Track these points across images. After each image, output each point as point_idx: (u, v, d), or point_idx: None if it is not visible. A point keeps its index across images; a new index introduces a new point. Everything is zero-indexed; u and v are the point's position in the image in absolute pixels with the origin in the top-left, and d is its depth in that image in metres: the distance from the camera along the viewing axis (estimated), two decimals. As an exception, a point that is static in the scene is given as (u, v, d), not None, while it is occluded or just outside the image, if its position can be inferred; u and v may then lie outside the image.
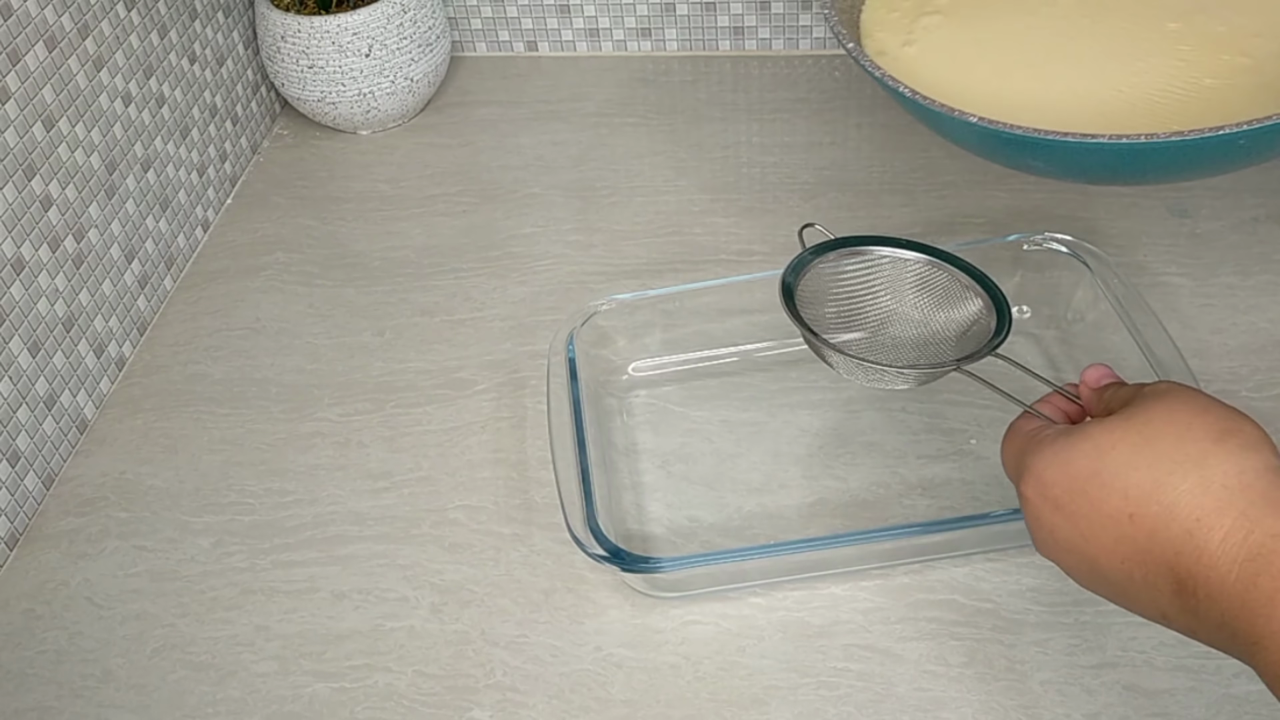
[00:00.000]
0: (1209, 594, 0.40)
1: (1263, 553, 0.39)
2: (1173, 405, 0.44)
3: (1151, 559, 0.42)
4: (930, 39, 0.61)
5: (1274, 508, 0.40)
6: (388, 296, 0.83)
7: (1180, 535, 0.41)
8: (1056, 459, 0.45)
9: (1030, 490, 0.46)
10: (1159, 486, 0.42)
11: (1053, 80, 0.60)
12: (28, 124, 0.71)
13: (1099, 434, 0.44)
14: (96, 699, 0.61)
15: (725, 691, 0.58)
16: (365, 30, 0.92)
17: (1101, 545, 0.43)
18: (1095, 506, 0.43)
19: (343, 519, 0.68)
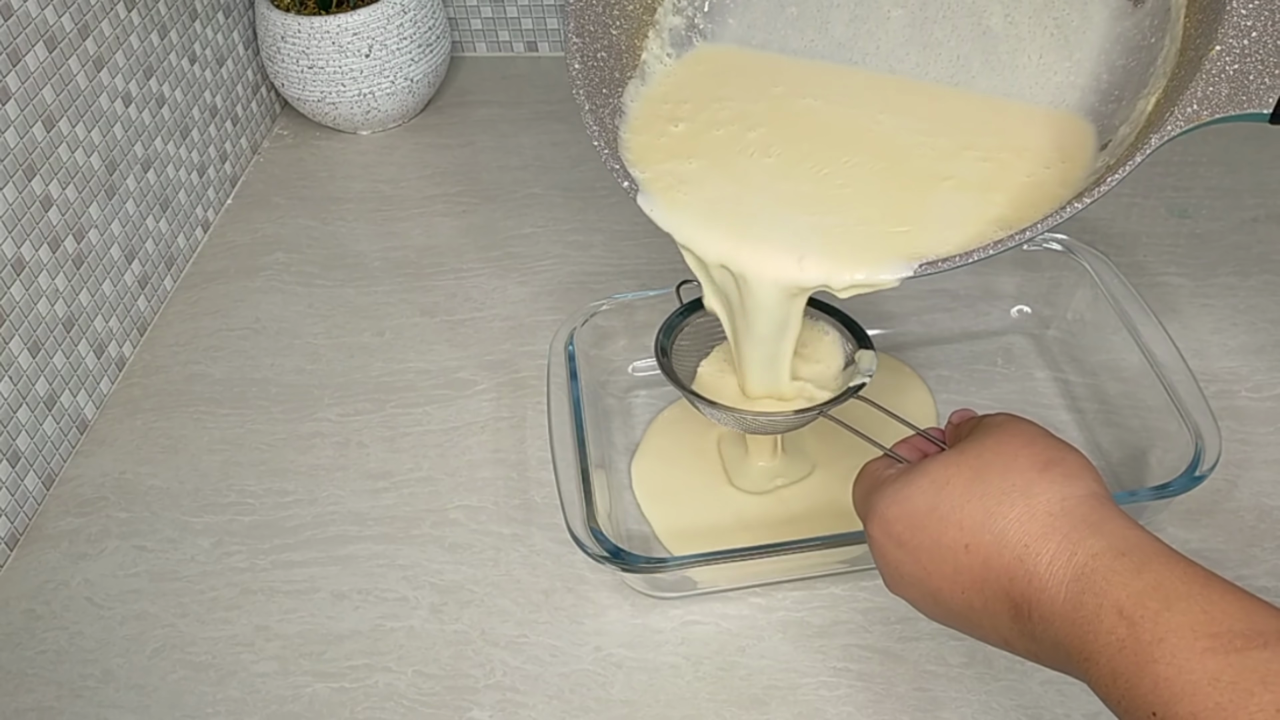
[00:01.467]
0: (1042, 616, 0.41)
1: (1086, 572, 0.41)
2: (1001, 438, 0.46)
3: (988, 586, 0.44)
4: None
5: (1093, 529, 0.42)
6: (388, 296, 0.83)
7: (1012, 561, 0.43)
8: (897, 497, 0.47)
9: (875, 529, 0.48)
10: (990, 516, 0.44)
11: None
12: (28, 124, 0.71)
13: (935, 470, 0.46)
14: (96, 699, 0.61)
15: (725, 691, 0.58)
16: (365, 30, 0.92)
17: (943, 576, 0.45)
18: (934, 540, 0.45)
19: (343, 519, 0.68)
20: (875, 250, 0.51)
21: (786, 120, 0.58)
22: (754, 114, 0.58)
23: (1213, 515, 0.64)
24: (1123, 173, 0.48)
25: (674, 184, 0.56)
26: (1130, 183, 0.85)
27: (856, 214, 0.53)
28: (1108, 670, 0.39)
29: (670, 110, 0.59)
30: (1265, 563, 0.61)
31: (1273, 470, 0.65)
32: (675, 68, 0.61)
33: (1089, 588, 0.40)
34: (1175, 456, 0.61)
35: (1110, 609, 0.39)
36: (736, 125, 0.58)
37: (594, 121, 0.56)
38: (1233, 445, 0.66)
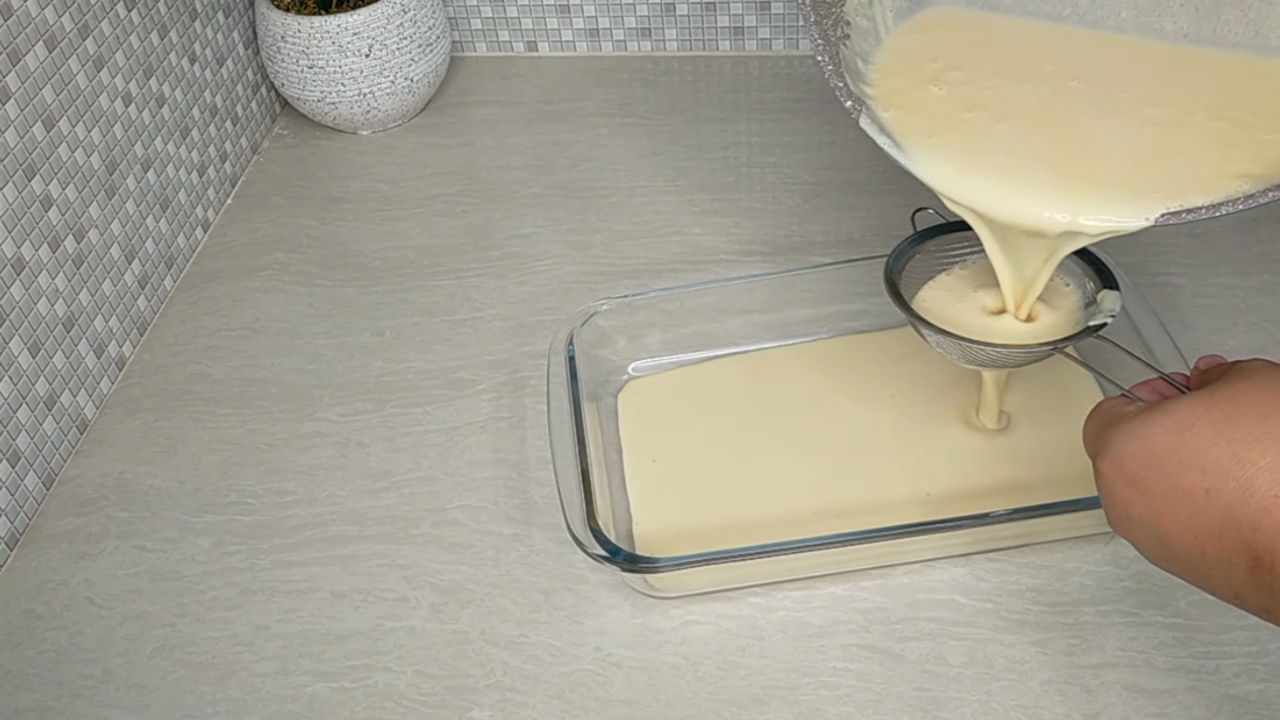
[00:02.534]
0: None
1: None
2: (1258, 383, 0.44)
3: (1227, 535, 0.41)
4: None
5: None
6: (388, 296, 0.83)
7: (1258, 511, 0.40)
8: (1136, 435, 0.45)
9: (1107, 466, 0.46)
10: (1238, 462, 0.41)
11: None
12: (28, 124, 0.71)
13: (1180, 410, 0.44)
14: (96, 699, 0.61)
15: (725, 691, 0.58)
16: (365, 30, 0.92)
17: (1176, 521, 0.43)
18: (1172, 482, 0.43)
19: (343, 519, 0.68)
20: (1124, 197, 0.51)
21: (1033, 81, 0.57)
22: (1000, 74, 0.58)
23: (1213, 515, 0.63)
24: None
25: (923, 128, 0.56)
26: (1130, 183, 0.85)
27: (1104, 165, 0.53)
28: None
29: (922, 64, 0.59)
30: (1265, 563, 0.61)
31: (1273, 470, 0.65)
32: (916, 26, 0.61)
33: None
34: (1175, 456, 0.61)
35: None
36: (989, 90, 0.57)
37: (819, 34, 0.56)
38: (1233, 445, 0.66)
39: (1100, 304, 0.58)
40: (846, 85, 0.56)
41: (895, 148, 0.55)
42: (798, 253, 0.82)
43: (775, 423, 0.70)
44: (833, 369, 0.72)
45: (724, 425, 0.70)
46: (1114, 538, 0.63)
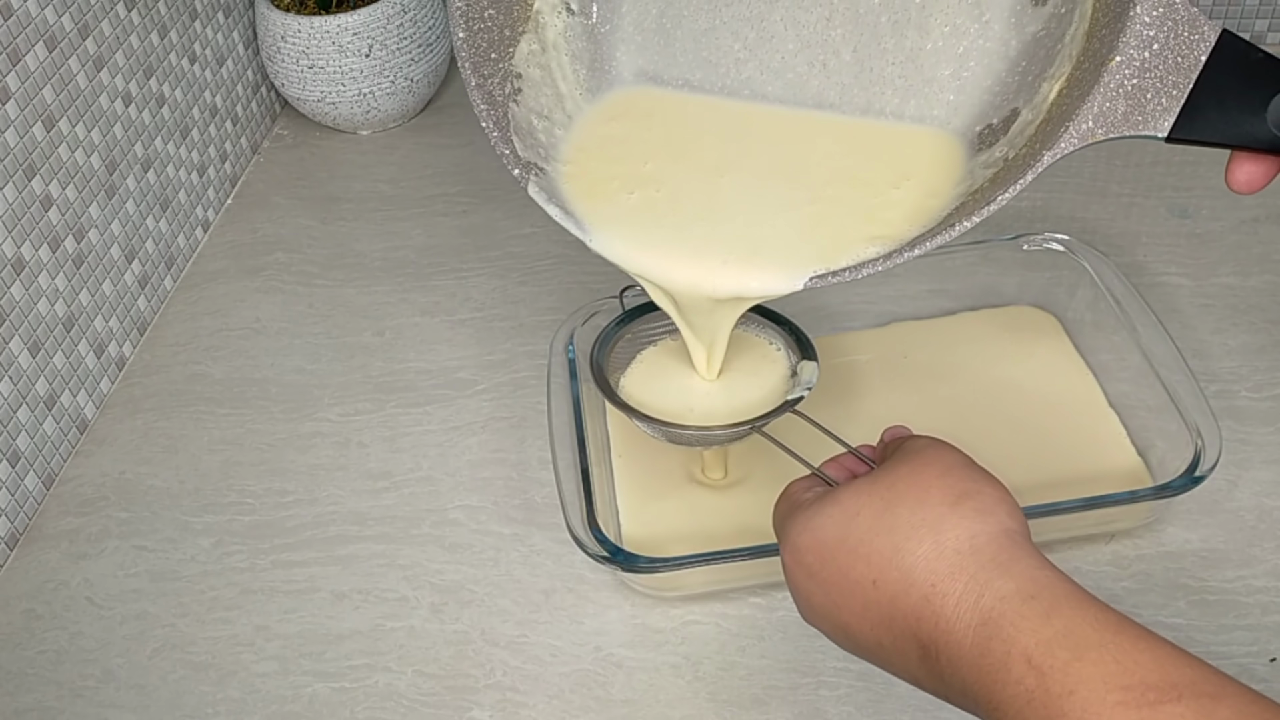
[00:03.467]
0: (950, 660, 0.40)
1: (993, 617, 0.39)
2: (917, 466, 0.45)
3: (896, 625, 0.42)
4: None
5: (1002, 570, 0.40)
6: (388, 296, 0.83)
7: (919, 602, 0.41)
8: (809, 525, 0.45)
9: (787, 557, 0.47)
10: (898, 552, 0.42)
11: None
12: (28, 124, 0.71)
13: (846, 499, 0.45)
14: (96, 699, 0.61)
15: (725, 691, 0.58)
16: (365, 30, 0.92)
17: (852, 612, 0.44)
18: (843, 573, 0.44)
19: (343, 519, 0.68)
20: (773, 263, 0.53)
21: (699, 158, 0.59)
22: (673, 152, 0.59)
23: (1213, 515, 0.63)
24: (1014, 190, 0.47)
25: (602, 206, 0.57)
26: (1130, 182, 0.85)
27: (755, 233, 0.55)
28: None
29: (606, 148, 0.59)
30: (1265, 563, 0.61)
31: (1273, 470, 0.65)
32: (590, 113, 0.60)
33: (996, 633, 0.38)
34: (1175, 456, 0.61)
35: (1018, 657, 0.37)
36: (663, 168, 0.58)
37: (481, 99, 0.54)
38: (1233, 445, 0.66)
39: (799, 376, 0.59)
40: (514, 151, 0.54)
41: (571, 221, 0.55)
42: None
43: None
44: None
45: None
46: (1114, 538, 0.63)
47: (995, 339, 0.74)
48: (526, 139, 0.56)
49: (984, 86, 0.55)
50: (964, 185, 0.54)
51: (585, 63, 0.59)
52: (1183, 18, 0.45)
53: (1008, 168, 0.51)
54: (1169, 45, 0.45)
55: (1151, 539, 0.63)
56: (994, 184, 0.51)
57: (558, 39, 0.58)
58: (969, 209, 0.50)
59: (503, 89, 0.56)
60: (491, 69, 0.55)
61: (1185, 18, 0.45)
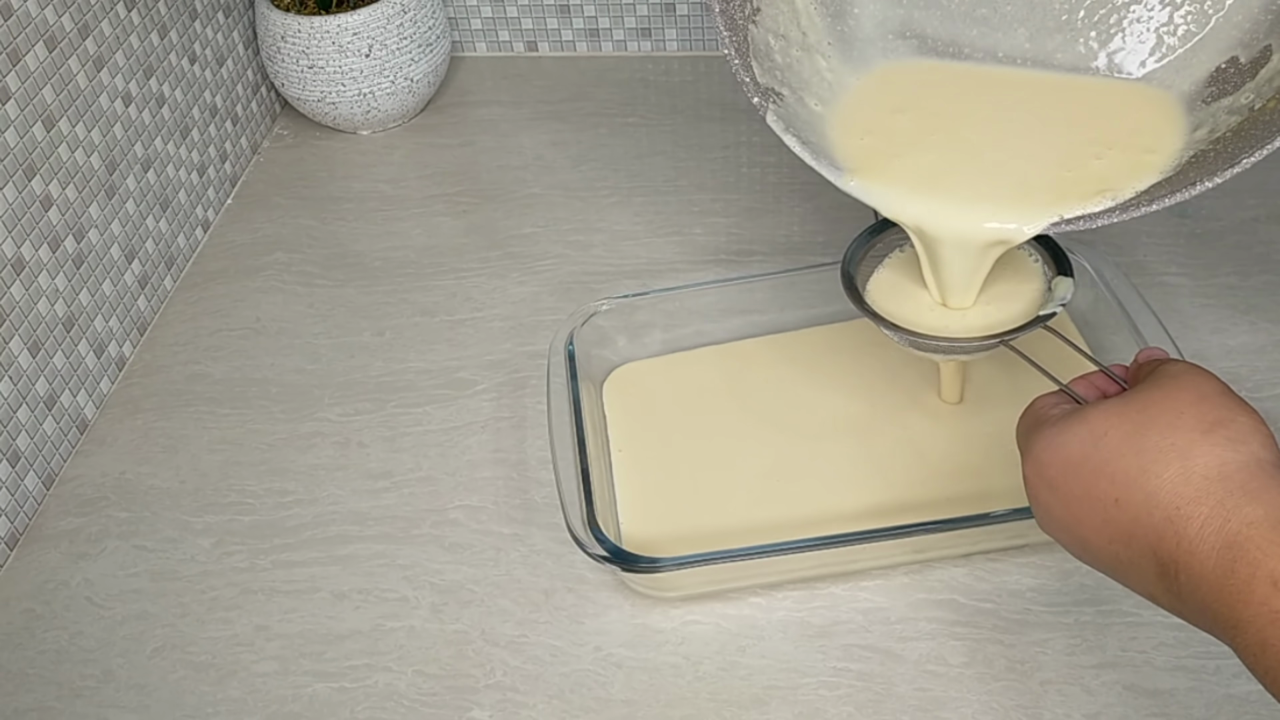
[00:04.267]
0: (1190, 579, 0.40)
1: (1238, 540, 0.39)
2: (1171, 392, 0.45)
3: (1135, 542, 0.43)
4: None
5: (1251, 497, 0.40)
6: (388, 296, 0.83)
7: (1161, 522, 0.42)
8: (1054, 442, 0.46)
9: (1029, 470, 0.47)
10: (1144, 474, 0.42)
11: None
12: (28, 124, 0.71)
13: (1095, 418, 0.45)
14: (96, 699, 0.61)
15: (725, 691, 0.58)
16: (365, 30, 0.92)
17: (1091, 526, 0.44)
18: (1085, 489, 0.44)
19: (343, 519, 0.68)
20: (1022, 207, 0.56)
21: (945, 111, 0.62)
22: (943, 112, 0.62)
23: (1213, 515, 0.63)
24: (1261, 153, 0.47)
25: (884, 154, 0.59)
26: (1130, 183, 0.85)
27: (1006, 181, 0.58)
28: (1256, 640, 0.38)
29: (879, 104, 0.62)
30: (1265, 563, 0.61)
31: (1273, 470, 0.65)
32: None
33: (1241, 556, 0.39)
34: (1175, 456, 0.61)
35: (1264, 579, 0.38)
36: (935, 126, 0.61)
37: (724, 24, 0.55)
38: (1233, 445, 0.66)
39: (1054, 291, 0.59)
40: (753, 79, 0.56)
41: (808, 152, 0.56)
42: (798, 253, 0.82)
43: (761, 414, 0.70)
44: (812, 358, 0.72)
45: (711, 416, 0.70)
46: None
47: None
48: (764, 62, 0.58)
49: (1234, 22, 0.55)
50: (1203, 130, 0.54)
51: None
52: None
53: (1253, 119, 0.51)
54: None
55: (1151, 539, 0.63)
56: (1238, 136, 0.50)
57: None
58: (1211, 164, 0.50)
59: (743, 10, 0.57)
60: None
61: None
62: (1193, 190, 0.50)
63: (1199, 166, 0.52)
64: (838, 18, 0.62)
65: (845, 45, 0.62)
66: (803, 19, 0.60)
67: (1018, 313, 0.59)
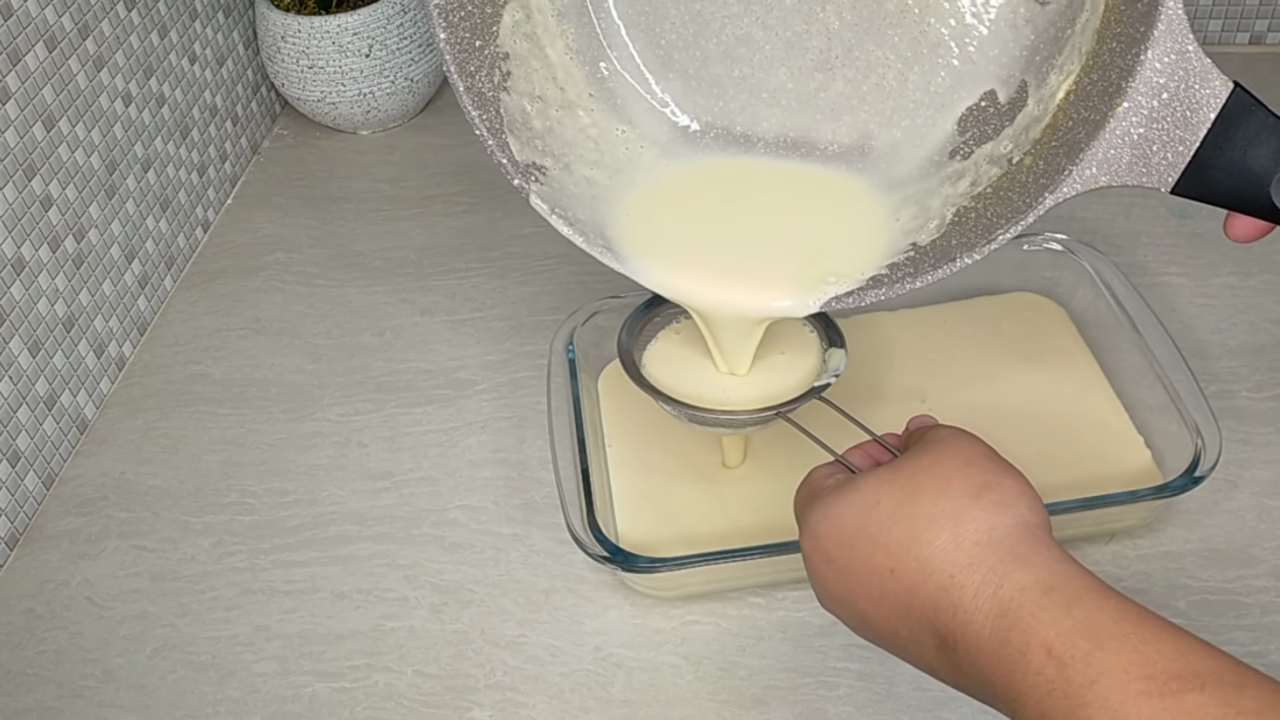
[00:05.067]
0: (967, 651, 0.40)
1: (1011, 608, 0.39)
2: (939, 457, 0.45)
3: (913, 615, 0.42)
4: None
5: (1021, 562, 0.40)
6: (388, 296, 0.83)
7: (936, 592, 0.41)
8: (829, 513, 0.46)
9: (806, 544, 0.47)
10: (916, 542, 0.42)
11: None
12: (28, 124, 0.71)
13: (866, 487, 0.45)
14: (96, 699, 0.61)
15: (725, 691, 0.58)
16: (365, 30, 0.92)
17: (869, 599, 0.44)
18: (862, 561, 0.44)
19: (343, 519, 0.68)
20: (788, 287, 0.56)
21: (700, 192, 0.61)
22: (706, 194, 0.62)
23: (1213, 515, 0.63)
24: (1014, 230, 0.48)
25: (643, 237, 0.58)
26: (1130, 183, 0.85)
27: (768, 261, 0.58)
28: (1035, 712, 0.37)
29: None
30: (1265, 563, 0.61)
31: (1273, 470, 0.65)
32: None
33: (1015, 624, 0.38)
34: (1175, 456, 0.61)
35: (1038, 648, 0.37)
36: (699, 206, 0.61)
37: (472, 102, 0.53)
38: (1233, 445, 0.66)
39: (828, 363, 0.59)
40: (511, 157, 0.54)
41: (575, 231, 0.56)
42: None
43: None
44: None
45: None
46: (1114, 537, 0.63)
47: (1001, 325, 0.74)
48: (522, 133, 0.56)
49: (989, 56, 0.55)
50: (965, 182, 0.54)
51: (573, 19, 0.59)
52: (1195, 69, 0.44)
53: (1013, 177, 0.51)
54: (1178, 96, 0.44)
55: (1151, 539, 0.63)
56: (998, 197, 0.51)
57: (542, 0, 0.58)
58: (972, 229, 0.50)
59: (490, 79, 0.55)
60: (478, 60, 0.54)
61: (1198, 69, 0.44)
62: (953, 265, 0.50)
63: (961, 230, 0.52)
64: (594, 64, 0.60)
65: (607, 93, 0.60)
66: (559, 73, 0.58)
67: (794, 384, 0.59)
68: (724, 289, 0.56)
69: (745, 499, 0.65)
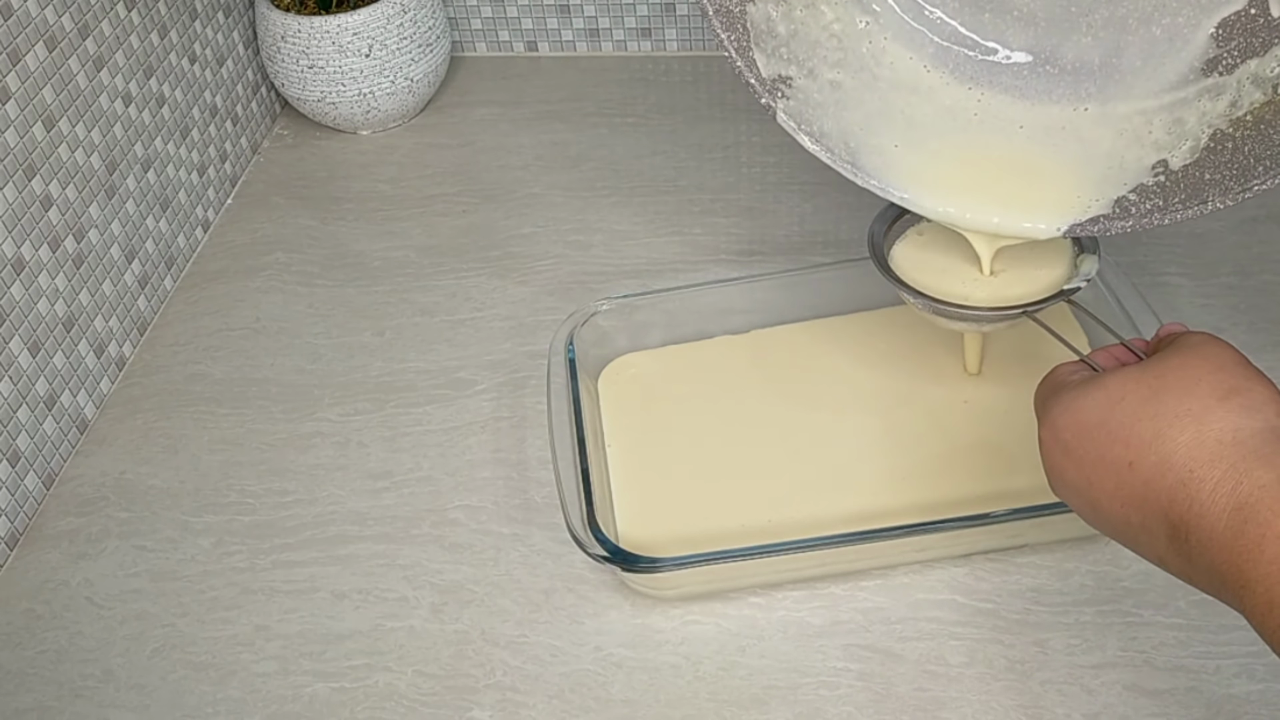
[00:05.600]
0: (1200, 541, 0.41)
1: (1250, 502, 0.40)
2: (1188, 360, 0.45)
3: (1148, 505, 0.43)
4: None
5: (1263, 461, 0.41)
6: (388, 296, 0.83)
7: (1174, 485, 0.42)
8: (1071, 406, 0.47)
9: (1045, 434, 0.48)
10: (1159, 438, 0.43)
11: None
12: (28, 124, 0.71)
13: (1112, 384, 0.46)
14: (96, 699, 0.61)
15: (725, 691, 0.58)
16: (365, 30, 0.92)
17: (1104, 490, 0.45)
18: (1100, 453, 0.45)
19: (343, 519, 0.68)
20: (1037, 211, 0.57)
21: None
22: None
23: (1213, 515, 0.63)
24: (1270, 182, 0.47)
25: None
26: (1130, 183, 0.85)
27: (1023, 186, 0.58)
28: (1265, 600, 0.38)
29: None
30: (1265, 563, 0.61)
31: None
32: None
33: (1252, 517, 0.39)
34: (1175, 456, 0.61)
35: (1274, 539, 0.38)
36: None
37: (720, 21, 0.54)
38: (1233, 445, 0.66)
39: (1078, 267, 0.60)
40: (758, 75, 0.55)
41: (824, 150, 0.56)
42: (798, 253, 0.82)
43: (759, 409, 0.70)
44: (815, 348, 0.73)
45: (708, 410, 0.70)
46: (1114, 538, 0.63)
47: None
48: (768, 43, 0.57)
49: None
50: (1225, 100, 0.53)
51: None
52: None
53: (1274, 108, 0.50)
54: None
55: (1151, 539, 0.63)
56: (1259, 131, 0.50)
57: None
58: (1228, 162, 0.50)
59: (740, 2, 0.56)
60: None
61: None
62: (1204, 206, 0.50)
63: (1216, 161, 0.51)
64: None
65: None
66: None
67: (1043, 286, 0.60)
68: (972, 208, 0.57)
69: (745, 499, 0.65)
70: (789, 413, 0.70)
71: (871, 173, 0.58)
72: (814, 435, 0.68)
